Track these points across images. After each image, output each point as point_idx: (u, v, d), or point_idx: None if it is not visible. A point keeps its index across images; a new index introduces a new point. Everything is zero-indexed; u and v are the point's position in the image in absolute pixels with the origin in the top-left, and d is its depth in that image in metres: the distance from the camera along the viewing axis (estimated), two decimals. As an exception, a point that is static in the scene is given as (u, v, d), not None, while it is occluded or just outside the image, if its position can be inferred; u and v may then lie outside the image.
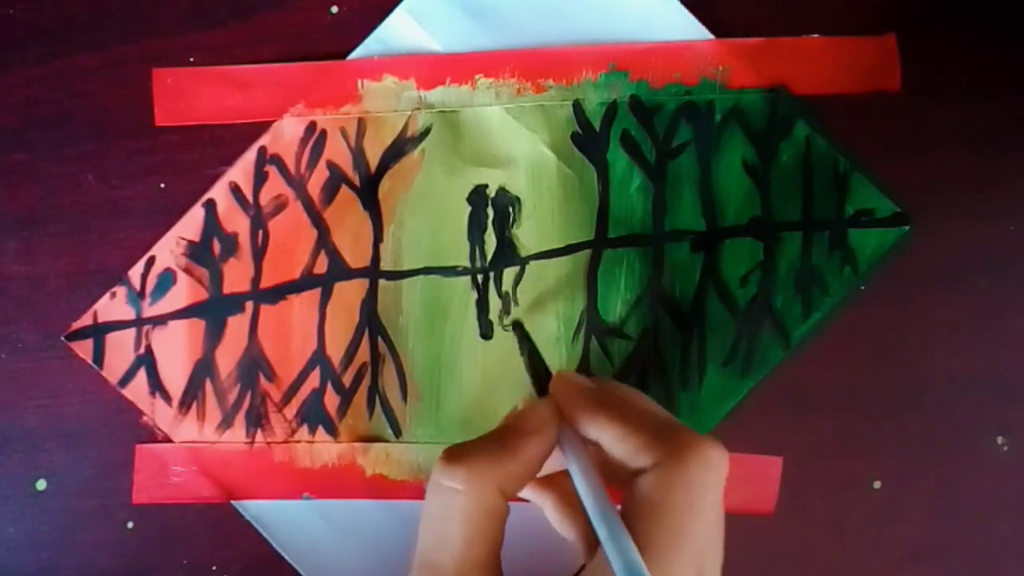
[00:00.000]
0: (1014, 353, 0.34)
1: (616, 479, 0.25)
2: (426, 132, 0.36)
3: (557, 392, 0.26)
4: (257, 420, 0.35)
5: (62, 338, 0.36)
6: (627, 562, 0.21)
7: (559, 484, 0.29)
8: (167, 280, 0.36)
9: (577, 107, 0.35)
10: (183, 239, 0.36)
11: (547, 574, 0.33)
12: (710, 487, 0.23)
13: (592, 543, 0.26)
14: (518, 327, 0.33)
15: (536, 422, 0.25)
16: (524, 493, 0.29)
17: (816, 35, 0.35)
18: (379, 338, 0.35)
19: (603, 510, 0.23)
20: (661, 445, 0.23)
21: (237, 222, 0.36)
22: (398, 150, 0.36)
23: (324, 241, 0.36)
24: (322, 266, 0.36)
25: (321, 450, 0.35)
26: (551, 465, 0.26)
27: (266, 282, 0.36)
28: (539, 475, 0.26)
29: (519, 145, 0.35)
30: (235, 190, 0.36)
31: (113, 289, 0.36)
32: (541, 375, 0.29)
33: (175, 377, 0.36)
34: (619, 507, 0.24)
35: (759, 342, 0.34)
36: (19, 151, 0.37)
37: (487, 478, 0.23)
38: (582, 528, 0.28)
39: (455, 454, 0.23)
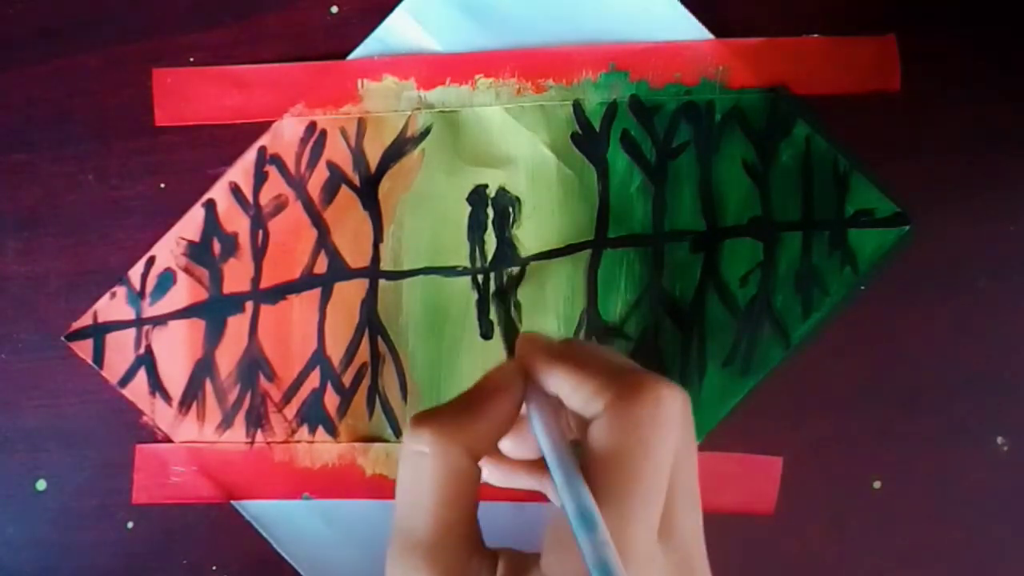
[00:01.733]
0: (1014, 353, 0.34)
1: (580, 432, 0.25)
2: (426, 132, 0.36)
3: (521, 350, 0.26)
4: (257, 420, 0.35)
5: (62, 338, 0.36)
6: (578, 506, 0.20)
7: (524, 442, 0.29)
8: (167, 280, 0.36)
9: (577, 107, 0.35)
10: (183, 239, 0.36)
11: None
12: (663, 424, 0.22)
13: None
14: (500, 295, 0.33)
15: (500, 380, 0.24)
16: (522, 481, 0.29)
17: (816, 35, 0.35)
18: (379, 338, 0.35)
19: (559, 459, 0.22)
20: (610, 388, 0.22)
21: (237, 222, 0.36)
22: (398, 150, 0.36)
23: (324, 241, 0.36)
24: (322, 266, 0.36)
25: (321, 450, 0.35)
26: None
27: (266, 282, 0.36)
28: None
29: (519, 145, 0.35)
30: (235, 190, 0.36)
31: (113, 289, 0.36)
32: (512, 339, 0.29)
33: (175, 377, 0.36)
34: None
35: (759, 342, 0.34)
36: (19, 151, 0.37)
37: (453, 439, 0.23)
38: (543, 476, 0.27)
39: (421, 418, 0.23)
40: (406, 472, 0.23)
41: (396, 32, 0.36)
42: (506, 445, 0.26)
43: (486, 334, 0.35)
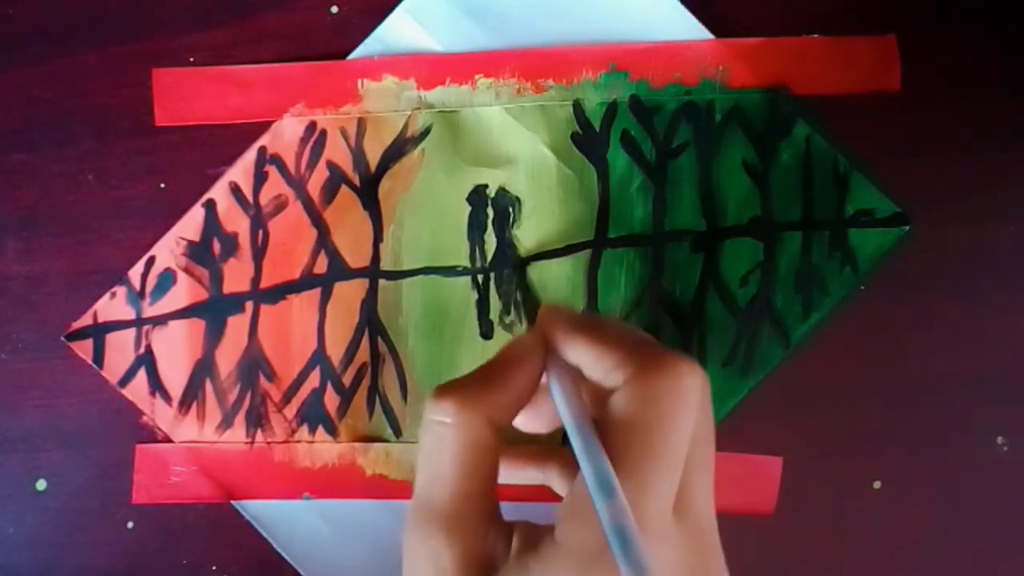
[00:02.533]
0: (1014, 353, 0.34)
1: (600, 404, 0.25)
2: (426, 132, 0.36)
3: (542, 321, 0.26)
4: (257, 420, 0.35)
5: (62, 338, 0.36)
6: (597, 472, 0.21)
7: (560, 455, 0.29)
8: (167, 280, 0.36)
9: (577, 107, 0.35)
10: (183, 239, 0.36)
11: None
12: (682, 398, 0.22)
13: (567, 473, 0.27)
14: (519, 270, 0.33)
15: (521, 351, 0.25)
16: (528, 475, 0.29)
17: (816, 35, 0.35)
18: (379, 338, 0.35)
19: (579, 426, 0.22)
20: (632, 361, 0.23)
21: (237, 222, 0.36)
22: (398, 150, 0.36)
23: (324, 241, 0.36)
24: (322, 266, 0.36)
25: (321, 450, 0.35)
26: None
27: (266, 282, 0.36)
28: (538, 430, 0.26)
29: (519, 145, 0.35)
30: (235, 190, 0.36)
31: (113, 289, 0.36)
32: (534, 311, 0.29)
33: (175, 377, 0.36)
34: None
35: (759, 342, 0.34)
36: (19, 151, 0.37)
37: (475, 409, 0.23)
38: (551, 463, 0.28)
39: (444, 389, 0.23)
40: (428, 441, 0.23)
41: (396, 32, 0.36)
42: (520, 419, 0.26)
43: (486, 334, 0.35)
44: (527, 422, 0.26)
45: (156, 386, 0.36)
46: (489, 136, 0.35)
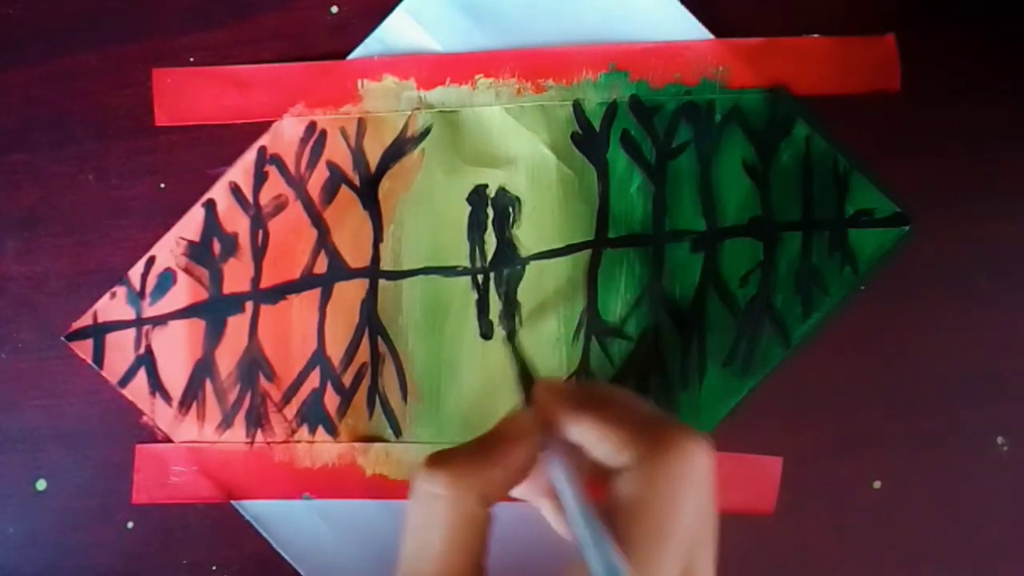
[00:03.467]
0: (1014, 353, 0.34)
1: (603, 481, 0.25)
2: (426, 132, 0.36)
3: (539, 398, 0.26)
4: (257, 420, 0.35)
5: (62, 338, 0.36)
6: (607, 566, 0.21)
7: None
8: (167, 280, 0.36)
9: (577, 107, 0.35)
10: (183, 239, 0.36)
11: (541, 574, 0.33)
12: (691, 479, 0.22)
13: None
14: (509, 340, 0.33)
15: (518, 429, 0.25)
16: (521, 493, 0.29)
17: (816, 35, 0.35)
18: (379, 338, 0.35)
19: (584, 515, 0.22)
20: (640, 441, 0.23)
21: (237, 222, 0.36)
22: (398, 150, 0.36)
23: (324, 241, 0.36)
24: (322, 266, 0.36)
25: (321, 450, 0.35)
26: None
27: (266, 282, 0.36)
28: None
29: (519, 145, 0.35)
30: (235, 190, 0.36)
31: (113, 289, 0.36)
32: (529, 386, 0.29)
33: (175, 377, 0.36)
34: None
35: (759, 342, 0.34)
36: (19, 151, 0.37)
37: (469, 484, 0.23)
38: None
39: (437, 460, 0.23)
40: (417, 513, 0.23)
41: (396, 32, 0.36)
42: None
43: (486, 334, 0.35)
44: (520, 492, 0.26)
45: (156, 386, 0.36)
46: (489, 136, 0.35)
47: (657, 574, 0.21)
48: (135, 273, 0.36)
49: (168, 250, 0.36)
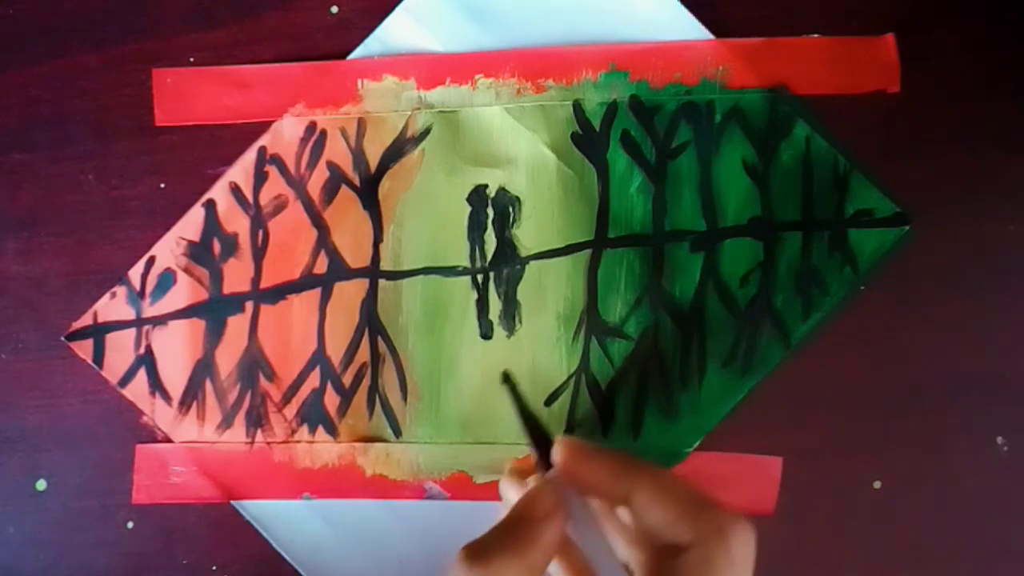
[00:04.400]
0: (1014, 353, 0.34)
1: (637, 544, 0.25)
2: (426, 132, 0.36)
3: (567, 458, 0.26)
4: (257, 420, 0.35)
5: (62, 338, 0.36)
6: None
7: (569, 553, 0.28)
8: (167, 280, 0.36)
9: (577, 107, 0.35)
10: (183, 239, 0.36)
11: None
12: (748, 563, 0.24)
13: None
14: (507, 380, 0.30)
15: (547, 505, 0.25)
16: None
17: (816, 35, 0.35)
18: (379, 338, 0.35)
19: None
20: (701, 519, 0.24)
21: (237, 222, 0.36)
22: (398, 150, 0.36)
23: (324, 241, 0.36)
24: (322, 266, 0.36)
25: (321, 450, 0.35)
26: None
27: (266, 282, 0.36)
28: None
29: (519, 145, 0.35)
30: (235, 190, 0.36)
31: (113, 289, 0.36)
32: (536, 433, 0.28)
33: (175, 377, 0.36)
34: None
35: (759, 342, 0.34)
36: (19, 151, 0.37)
37: (511, 574, 0.23)
38: None
39: (475, 553, 0.23)
40: None
41: (396, 32, 0.36)
42: None
43: (486, 334, 0.35)
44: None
45: (156, 386, 0.36)
46: (489, 136, 0.35)
47: None
48: (135, 273, 0.36)
49: (168, 250, 0.36)
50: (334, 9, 0.36)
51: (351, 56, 0.36)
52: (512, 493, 0.29)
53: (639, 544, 0.25)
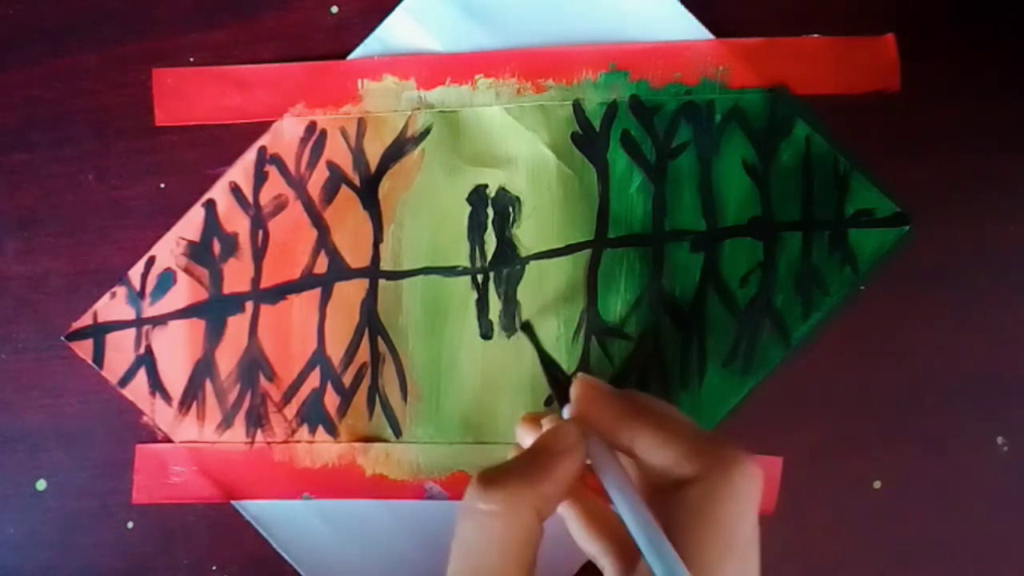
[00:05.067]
0: (1014, 353, 0.34)
1: (647, 485, 0.25)
2: (426, 132, 0.36)
3: (581, 398, 0.26)
4: (257, 420, 0.35)
5: (62, 338, 0.36)
6: (672, 573, 0.21)
7: (584, 498, 0.29)
8: (167, 280, 0.36)
9: (577, 107, 0.35)
10: (183, 239, 0.36)
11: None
12: (753, 498, 0.23)
13: (622, 558, 0.26)
14: (527, 328, 0.33)
15: (566, 440, 0.25)
16: (585, 547, 0.29)
17: (816, 35, 0.35)
18: (379, 338, 0.35)
19: (645, 525, 0.22)
20: (705, 456, 0.23)
21: (237, 222, 0.36)
22: (398, 150, 0.36)
23: (324, 241, 0.36)
24: (322, 266, 0.36)
25: (321, 450, 0.35)
26: None
27: (266, 282, 0.36)
28: None
29: (519, 145, 0.35)
30: (235, 190, 0.36)
31: (113, 289, 0.36)
32: (556, 375, 0.29)
33: (175, 377, 0.36)
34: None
35: (759, 342, 0.34)
36: (19, 151, 0.37)
37: (525, 500, 0.23)
38: (608, 543, 0.27)
39: (491, 477, 0.23)
40: (471, 532, 0.23)
41: (396, 32, 0.36)
42: None
43: (486, 334, 0.35)
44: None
45: (156, 386, 0.36)
46: (489, 136, 0.35)
47: None
48: (135, 273, 0.36)
49: (168, 250, 0.36)
50: (334, 9, 0.36)
51: (351, 56, 0.36)
52: (528, 438, 0.29)
53: (648, 488, 0.25)
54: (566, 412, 0.27)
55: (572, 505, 0.29)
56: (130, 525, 0.36)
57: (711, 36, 0.35)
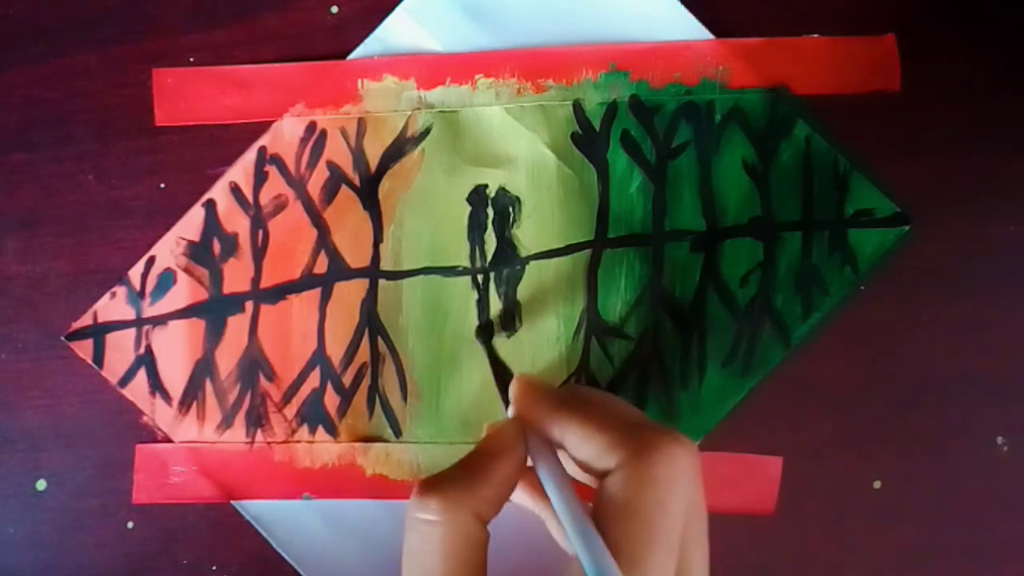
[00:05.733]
0: (1014, 353, 0.34)
1: (586, 479, 0.25)
2: (426, 132, 0.36)
3: (517, 396, 0.26)
4: (257, 420, 0.35)
5: (62, 338, 0.36)
6: (599, 565, 0.21)
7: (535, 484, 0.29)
8: (167, 280, 0.36)
9: (577, 107, 0.35)
10: (183, 239, 0.36)
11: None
12: (676, 481, 0.23)
13: None
14: (482, 331, 0.33)
15: (503, 441, 0.25)
16: (526, 504, 0.29)
17: (816, 35, 0.35)
18: (379, 338, 0.35)
19: (573, 518, 0.22)
20: (625, 444, 0.23)
21: (237, 222, 0.36)
22: (398, 150, 0.36)
23: (324, 241, 0.36)
24: (322, 266, 0.36)
25: (321, 450, 0.35)
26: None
27: (266, 282, 0.36)
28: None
29: (519, 145, 0.35)
30: (235, 190, 0.36)
31: (113, 289, 0.36)
32: (505, 379, 0.29)
33: (175, 377, 0.36)
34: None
35: (759, 342, 0.34)
36: (19, 151, 0.37)
37: (462, 506, 0.23)
38: None
39: (428, 485, 0.23)
40: (414, 541, 0.23)
41: (396, 32, 0.36)
42: None
43: (486, 340, 0.35)
44: (517, 497, 0.26)
45: (156, 386, 0.36)
46: (489, 136, 0.35)
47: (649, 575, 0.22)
48: (135, 273, 0.36)
49: (168, 250, 0.36)
50: (334, 9, 0.36)
51: (351, 56, 0.36)
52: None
53: (585, 480, 0.25)
54: (509, 412, 0.27)
55: (547, 505, 0.29)
56: (130, 525, 0.36)
57: (711, 36, 0.35)
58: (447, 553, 0.22)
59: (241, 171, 0.36)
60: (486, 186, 0.35)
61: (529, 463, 0.25)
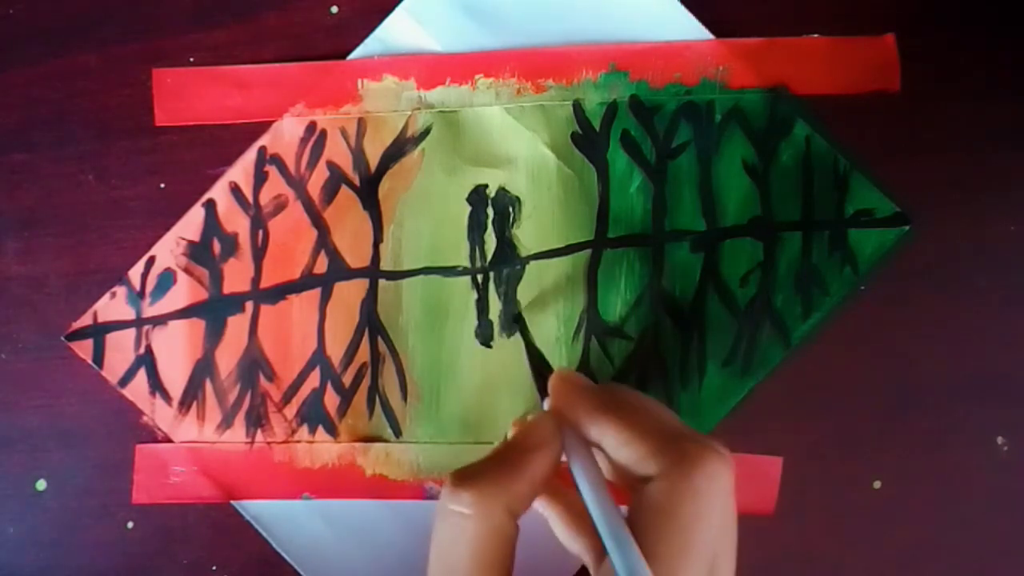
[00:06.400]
0: (1014, 353, 0.34)
1: (620, 480, 0.25)
2: (426, 132, 0.36)
3: (557, 392, 0.26)
4: (257, 420, 0.35)
5: (62, 338, 0.36)
6: (633, 572, 0.21)
7: (565, 495, 0.28)
8: (167, 280, 0.36)
9: (577, 107, 0.35)
10: (183, 239, 0.36)
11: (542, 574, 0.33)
12: (716, 495, 0.23)
13: (600, 555, 0.26)
14: (519, 320, 0.33)
15: (540, 436, 0.24)
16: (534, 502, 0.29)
17: (816, 35, 0.35)
18: (379, 338, 0.35)
19: (609, 520, 0.23)
20: (666, 454, 0.23)
21: (237, 222, 0.36)
22: (398, 150, 0.36)
23: (324, 241, 0.36)
24: (322, 266, 0.36)
25: (321, 450, 0.35)
26: None
27: (266, 282, 0.36)
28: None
29: (519, 145, 0.35)
30: (235, 190, 0.36)
31: (113, 289, 0.36)
32: (542, 372, 0.29)
33: (175, 377, 0.36)
34: (624, 512, 0.24)
35: (759, 342, 0.34)
36: (19, 151, 0.37)
37: (495, 500, 0.23)
38: (589, 539, 0.27)
39: (462, 477, 0.23)
40: (445, 532, 0.23)
41: (396, 32, 0.36)
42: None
43: (485, 341, 0.35)
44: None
45: (156, 386, 0.36)
46: (489, 136, 0.35)
47: None
48: (135, 273, 0.36)
49: (168, 250, 0.36)
50: (334, 9, 0.36)
51: (351, 56, 0.36)
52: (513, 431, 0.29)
53: (619, 481, 0.25)
54: (545, 405, 0.27)
55: (553, 504, 0.29)
56: (130, 525, 0.36)
57: (711, 36, 0.35)
58: (477, 547, 0.22)
59: (241, 171, 0.36)
60: (486, 186, 0.35)
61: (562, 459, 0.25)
